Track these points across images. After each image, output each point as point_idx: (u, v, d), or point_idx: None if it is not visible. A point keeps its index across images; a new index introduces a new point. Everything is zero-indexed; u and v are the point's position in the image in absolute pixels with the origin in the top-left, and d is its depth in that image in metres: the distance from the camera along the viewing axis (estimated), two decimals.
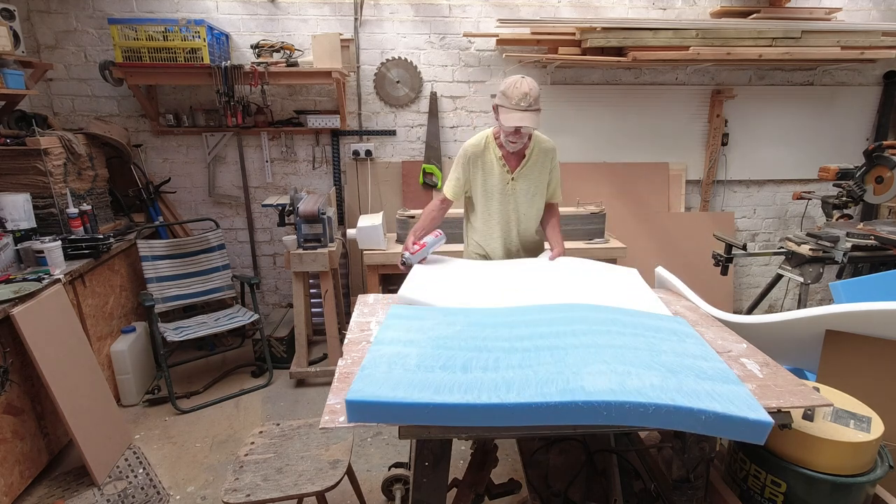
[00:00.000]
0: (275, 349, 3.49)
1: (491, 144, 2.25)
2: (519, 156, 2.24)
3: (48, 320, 2.32)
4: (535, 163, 2.26)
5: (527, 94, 1.99)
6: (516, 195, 2.28)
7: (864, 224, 2.92)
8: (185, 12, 3.42)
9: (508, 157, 2.24)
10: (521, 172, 2.25)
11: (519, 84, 2.01)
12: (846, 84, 4.00)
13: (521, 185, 2.26)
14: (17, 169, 2.78)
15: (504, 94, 2.04)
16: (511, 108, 2.02)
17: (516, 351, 1.43)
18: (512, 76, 2.06)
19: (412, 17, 3.59)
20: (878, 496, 1.51)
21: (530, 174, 2.26)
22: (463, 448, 2.61)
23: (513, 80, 2.04)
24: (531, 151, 2.24)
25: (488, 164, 2.25)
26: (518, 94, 1.99)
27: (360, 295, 2.05)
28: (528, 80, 2.03)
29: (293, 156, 3.76)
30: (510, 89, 2.02)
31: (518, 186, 2.26)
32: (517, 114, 2.01)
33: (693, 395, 1.21)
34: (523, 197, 2.28)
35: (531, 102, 2.00)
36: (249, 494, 1.66)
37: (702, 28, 3.33)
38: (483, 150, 2.25)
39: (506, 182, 2.26)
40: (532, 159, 2.25)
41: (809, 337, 1.86)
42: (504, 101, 2.04)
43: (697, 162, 4.04)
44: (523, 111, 2.00)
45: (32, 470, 2.34)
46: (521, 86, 2.00)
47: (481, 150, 2.26)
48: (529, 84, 2.02)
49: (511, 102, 2.01)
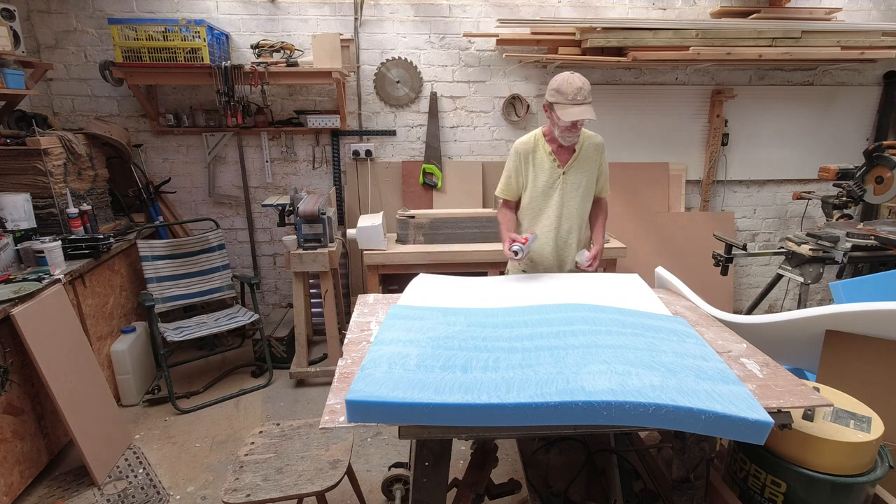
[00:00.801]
0: (275, 349, 3.49)
1: (541, 141, 2.30)
2: (570, 150, 2.29)
3: (48, 320, 2.32)
4: (586, 157, 2.30)
5: (581, 88, 2.06)
6: (567, 189, 2.31)
7: (864, 224, 2.92)
8: (185, 12, 3.42)
9: (559, 151, 2.28)
10: (571, 166, 2.28)
11: (572, 80, 2.07)
12: (846, 84, 4.00)
13: (571, 178, 2.30)
14: (17, 169, 2.78)
15: (558, 91, 2.09)
16: (568, 103, 2.07)
17: (516, 351, 1.43)
18: (560, 74, 2.12)
19: (412, 17, 3.59)
20: (878, 496, 1.51)
21: (581, 168, 2.30)
22: (463, 448, 2.61)
23: (563, 76, 2.10)
24: (581, 146, 2.28)
25: (539, 159, 2.30)
26: (573, 89, 2.05)
27: (360, 295, 2.05)
28: (579, 76, 2.09)
29: (293, 156, 3.76)
30: (564, 85, 2.07)
31: (569, 180, 2.30)
32: (575, 108, 2.06)
33: (693, 395, 1.21)
34: (573, 192, 2.31)
35: (585, 95, 2.07)
36: (249, 494, 1.66)
37: (702, 28, 3.33)
38: (534, 147, 2.30)
39: (557, 177, 2.29)
40: (582, 153, 2.29)
41: (809, 337, 1.86)
42: (559, 97, 2.09)
43: (697, 162, 4.04)
44: (581, 104, 2.06)
45: (32, 470, 2.34)
46: (575, 81, 2.06)
47: (532, 147, 2.30)
48: (581, 79, 2.08)
49: (567, 98, 2.07)
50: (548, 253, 2.38)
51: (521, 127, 3.83)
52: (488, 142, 3.87)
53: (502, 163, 3.86)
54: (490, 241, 3.38)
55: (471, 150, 3.89)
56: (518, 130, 3.84)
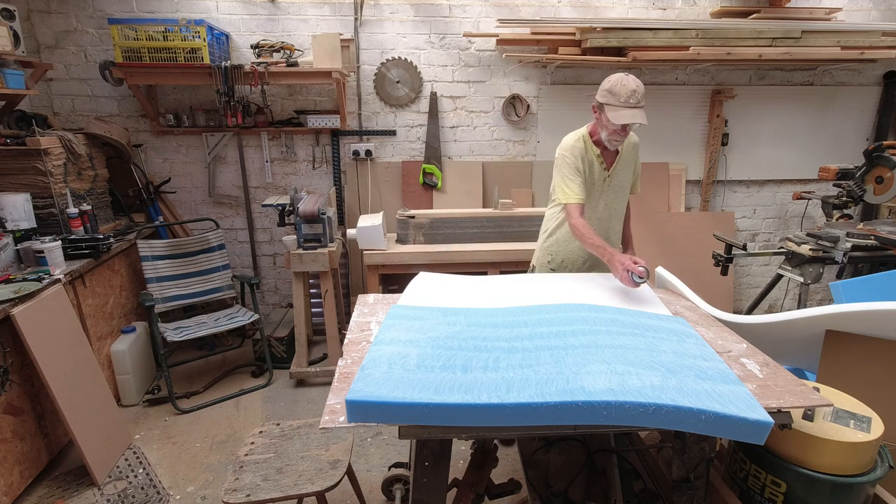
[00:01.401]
0: (275, 349, 3.49)
1: (588, 142, 2.24)
2: (614, 152, 2.26)
3: (48, 320, 2.32)
4: (627, 158, 2.28)
5: (634, 90, 2.00)
6: (610, 192, 2.29)
7: (864, 224, 2.92)
8: (185, 12, 3.42)
9: (608, 153, 2.26)
10: (615, 169, 2.27)
11: (626, 82, 2.01)
12: (846, 84, 4.00)
13: (614, 180, 2.28)
14: (17, 169, 2.77)
15: (611, 93, 2.03)
16: (620, 105, 2.01)
17: (516, 351, 1.43)
18: (615, 75, 2.06)
19: (412, 17, 3.59)
20: (878, 496, 1.51)
21: (623, 169, 2.28)
22: (463, 448, 2.61)
23: (618, 77, 2.04)
24: (623, 147, 2.26)
25: (589, 162, 2.25)
26: (626, 92, 2.00)
27: (360, 295, 2.05)
28: (633, 78, 2.03)
29: (293, 156, 3.76)
30: (617, 87, 2.01)
31: (612, 182, 2.28)
32: (627, 111, 2.01)
33: (693, 395, 1.21)
34: (615, 192, 2.30)
35: (639, 99, 2.01)
36: (249, 494, 1.66)
37: (702, 28, 3.33)
38: (584, 148, 2.25)
39: (602, 179, 2.27)
40: (624, 154, 2.27)
41: (809, 337, 1.86)
42: (611, 98, 2.03)
43: (697, 162, 4.04)
44: (633, 108, 2.01)
45: (32, 470, 2.34)
46: (629, 83, 2.01)
47: (582, 148, 2.25)
48: (635, 81, 2.02)
49: (620, 100, 2.01)
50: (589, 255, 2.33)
51: (521, 127, 3.83)
52: (488, 142, 3.87)
53: (502, 163, 3.91)
54: (490, 241, 3.38)
55: (471, 150, 3.89)
56: (518, 130, 3.84)
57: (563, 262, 2.40)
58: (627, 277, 1.91)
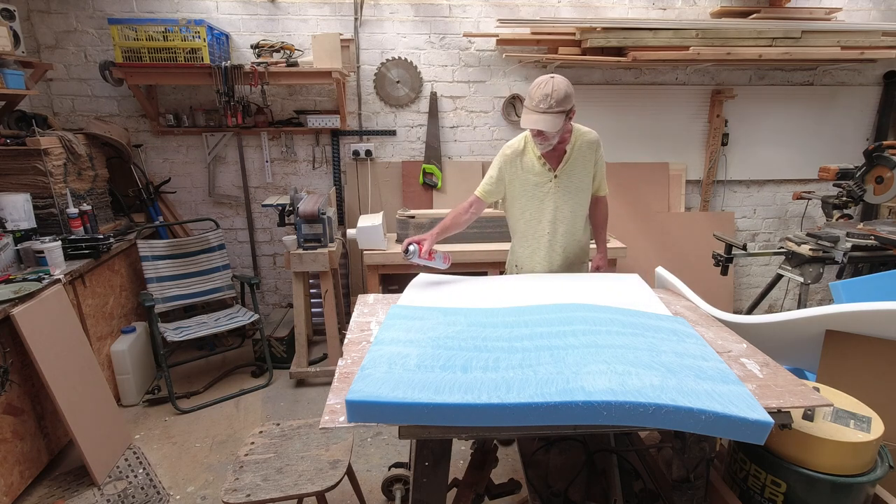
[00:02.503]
0: (275, 349, 3.49)
1: (530, 143, 2.16)
2: (560, 152, 2.16)
3: (48, 320, 2.32)
4: (579, 157, 2.17)
5: (548, 95, 1.92)
6: (559, 193, 2.19)
7: (864, 224, 2.92)
8: (185, 12, 3.42)
9: (549, 155, 2.16)
10: (563, 169, 2.16)
11: (544, 84, 1.95)
12: (846, 84, 4.00)
13: (564, 182, 2.17)
14: (17, 169, 2.77)
15: (528, 94, 1.99)
16: (530, 108, 1.97)
17: (516, 351, 1.43)
18: (543, 76, 1.99)
19: (412, 17, 3.59)
20: (878, 496, 1.51)
21: (574, 170, 2.18)
22: (463, 448, 2.61)
23: (541, 79, 1.97)
24: (573, 146, 2.15)
25: (528, 163, 2.18)
26: (539, 95, 1.94)
27: (360, 295, 2.05)
28: (556, 81, 1.95)
29: (293, 156, 3.76)
30: (534, 89, 1.96)
31: (561, 183, 2.17)
32: (533, 115, 1.96)
33: (693, 395, 1.21)
34: (565, 194, 2.19)
35: (551, 104, 1.93)
36: (249, 494, 1.66)
37: (702, 28, 3.33)
38: (522, 150, 2.18)
39: (548, 181, 2.17)
40: (575, 154, 2.16)
41: (809, 337, 1.86)
42: (527, 100, 1.99)
43: (697, 162, 4.04)
44: (541, 113, 1.94)
45: (32, 470, 2.34)
46: (545, 86, 1.94)
47: (521, 150, 2.18)
48: (556, 85, 1.94)
49: (532, 103, 1.96)
50: (541, 259, 2.29)
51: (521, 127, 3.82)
52: (488, 142, 3.87)
53: None
54: (490, 241, 3.38)
55: (471, 150, 3.89)
56: (518, 130, 3.83)
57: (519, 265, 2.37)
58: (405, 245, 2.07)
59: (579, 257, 2.37)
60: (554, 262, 2.29)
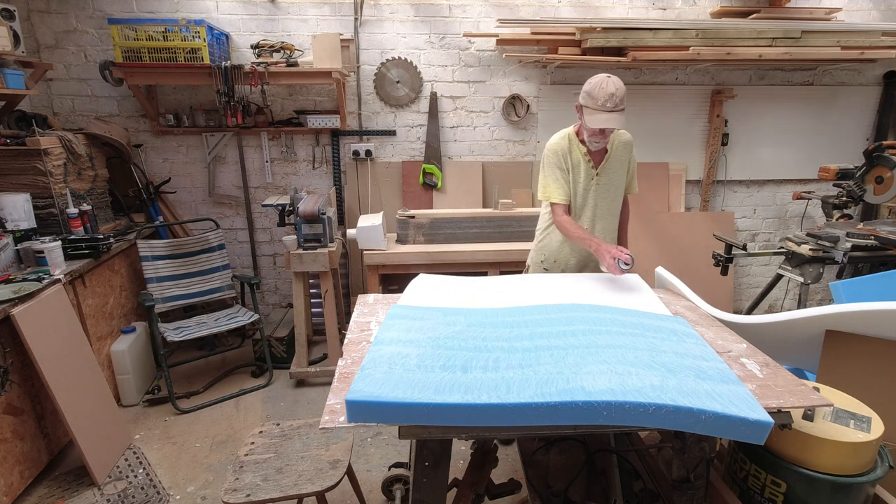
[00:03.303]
0: (275, 349, 3.49)
1: (574, 141, 2.24)
2: (602, 151, 2.25)
3: (48, 320, 2.31)
4: (617, 157, 2.27)
5: (613, 94, 1.99)
6: (599, 191, 2.27)
7: (864, 224, 2.92)
8: (185, 12, 3.42)
9: (595, 153, 2.25)
10: (604, 167, 2.25)
11: (605, 84, 2.00)
12: (846, 84, 4.00)
13: (604, 179, 2.26)
14: (17, 169, 2.77)
15: (589, 95, 2.04)
16: (597, 108, 2.02)
17: (516, 351, 1.43)
18: (597, 76, 2.05)
19: (412, 17, 3.59)
20: (878, 496, 1.51)
21: (613, 168, 2.27)
22: (463, 448, 2.61)
23: (598, 80, 2.03)
24: (612, 145, 2.25)
25: (575, 161, 2.25)
26: (604, 95, 1.99)
27: (360, 295, 2.05)
28: (614, 80, 2.02)
29: (293, 156, 3.76)
30: (596, 90, 2.01)
31: (602, 181, 2.26)
32: (603, 115, 2.02)
33: (693, 395, 1.21)
34: (605, 192, 2.28)
35: (617, 103, 2.00)
36: (249, 494, 1.66)
37: (702, 28, 3.33)
38: (569, 148, 2.25)
39: (591, 178, 2.26)
40: (614, 153, 2.26)
41: (809, 337, 1.86)
42: (589, 101, 2.04)
43: (697, 162, 4.04)
44: (609, 112, 2.01)
45: (32, 470, 2.34)
46: (608, 86, 1.99)
47: (567, 148, 2.25)
48: (615, 84, 2.01)
49: (597, 103, 2.01)
50: (577, 255, 2.36)
51: (521, 127, 3.83)
52: (488, 142, 3.87)
53: (503, 163, 3.90)
54: (490, 241, 3.38)
55: (471, 150, 3.89)
56: (518, 130, 3.84)
57: (556, 261, 2.41)
58: (614, 265, 1.99)
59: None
60: (592, 258, 2.32)
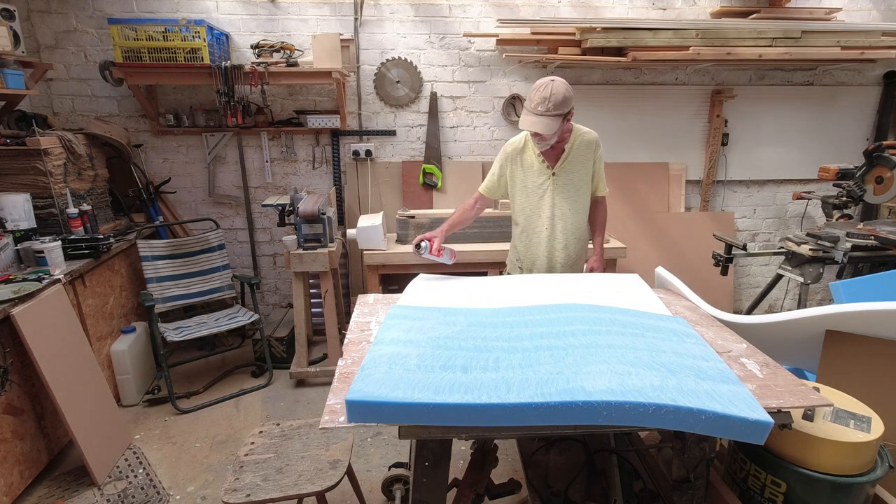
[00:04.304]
0: (275, 349, 3.49)
1: (530, 142, 2.25)
2: (558, 150, 2.23)
3: (48, 320, 2.32)
4: (577, 157, 2.24)
5: (546, 98, 1.99)
6: (557, 190, 2.25)
7: (864, 224, 2.92)
8: (185, 12, 3.42)
9: (548, 153, 2.23)
10: (561, 167, 2.23)
11: (543, 88, 2.01)
12: (846, 84, 4.00)
13: (562, 179, 2.25)
14: (17, 169, 2.77)
15: (528, 96, 2.06)
16: (528, 110, 2.04)
17: (516, 351, 1.43)
18: (544, 78, 2.06)
19: (412, 17, 3.59)
20: (878, 496, 1.51)
21: (572, 169, 2.24)
22: (463, 448, 2.61)
23: (540, 82, 2.05)
24: (571, 145, 2.22)
25: (528, 161, 2.26)
26: (537, 98, 2.01)
27: (360, 295, 2.05)
28: (555, 84, 2.02)
29: (293, 156, 3.76)
30: (533, 92, 2.04)
31: (559, 181, 2.25)
32: (530, 117, 2.03)
33: (693, 395, 1.21)
34: (565, 191, 2.26)
35: (549, 107, 1.99)
36: (249, 494, 1.66)
37: (702, 28, 3.34)
38: (522, 148, 2.26)
39: (546, 178, 2.25)
40: (573, 153, 2.23)
41: (809, 337, 1.86)
42: (526, 102, 2.06)
43: (697, 162, 4.04)
44: (538, 115, 2.01)
45: (32, 470, 2.34)
46: (544, 90, 2.00)
47: (521, 148, 2.26)
48: (554, 88, 2.00)
49: (530, 105, 2.03)
50: (541, 254, 2.35)
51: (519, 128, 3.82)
52: (488, 142, 3.87)
53: None
54: (490, 241, 3.38)
55: (471, 150, 3.89)
56: (518, 130, 3.83)
57: (520, 259, 2.42)
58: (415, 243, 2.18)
59: (581, 255, 2.42)
60: (555, 258, 2.34)
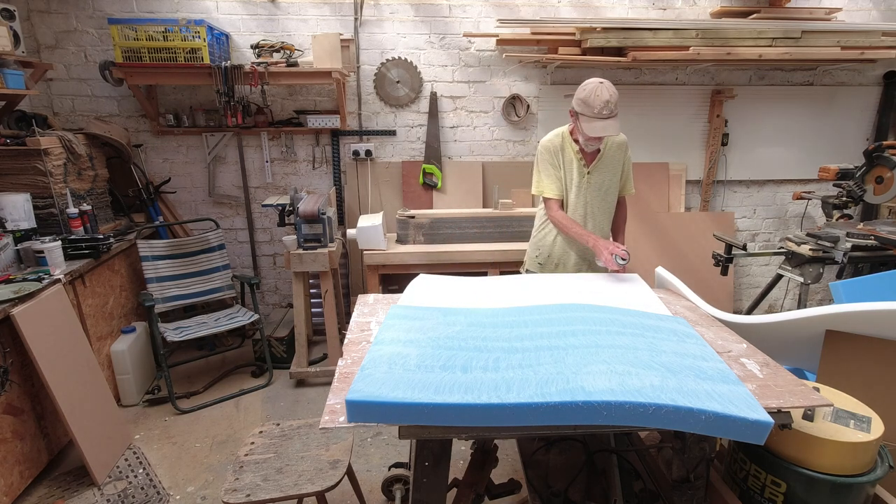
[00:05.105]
0: (275, 349, 3.49)
1: (567, 139, 2.27)
2: (594, 151, 2.27)
3: (48, 320, 2.31)
4: (610, 157, 2.28)
5: (608, 101, 2.00)
6: (591, 189, 2.29)
7: (864, 224, 2.92)
8: (185, 12, 3.42)
9: (584, 151, 2.27)
10: (596, 166, 2.27)
11: (600, 92, 2.01)
12: (846, 84, 4.00)
13: (595, 178, 2.28)
14: (17, 169, 2.77)
15: (585, 103, 2.04)
16: (593, 116, 2.03)
17: (516, 351, 1.43)
18: (590, 82, 2.06)
19: (412, 17, 3.59)
20: (878, 496, 1.51)
21: (605, 168, 2.28)
22: (463, 448, 2.61)
23: (592, 86, 2.03)
24: (605, 145, 2.26)
25: (567, 159, 2.28)
26: (600, 103, 2.01)
27: (360, 295, 2.05)
28: (607, 86, 2.03)
29: (293, 156, 3.76)
30: (591, 97, 2.02)
31: (593, 180, 2.28)
32: (599, 123, 2.03)
33: (693, 395, 1.21)
34: (597, 191, 2.30)
35: (612, 109, 2.02)
36: (249, 494, 1.66)
37: (702, 28, 3.33)
38: (561, 146, 2.28)
39: (582, 176, 2.27)
40: (607, 153, 2.27)
41: (809, 337, 1.86)
42: (585, 109, 2.05)
43: (697, 162, 4.04)
44: (605, 119, 2.02)
45: (32, 470, 2.34)
46: (602, 94, 2.01)
47: (560, 146, 2.28)
48: (609, 90, 2.02)
49: (593, 111, 2.02)
50: (573, 253, 2.38)
51: (521, 127, 3.83)
52: (488, 142, 3.87)
53: (502, 163, 3.90)
54: (490, 241, 3.38)
55: (471, 150, 3.89)
56: (518, 130, 3.84)
57: (550, 256, 2.43)
58: (611, 260, 2.06)
59: None
60: (587, 253, 2.35)
